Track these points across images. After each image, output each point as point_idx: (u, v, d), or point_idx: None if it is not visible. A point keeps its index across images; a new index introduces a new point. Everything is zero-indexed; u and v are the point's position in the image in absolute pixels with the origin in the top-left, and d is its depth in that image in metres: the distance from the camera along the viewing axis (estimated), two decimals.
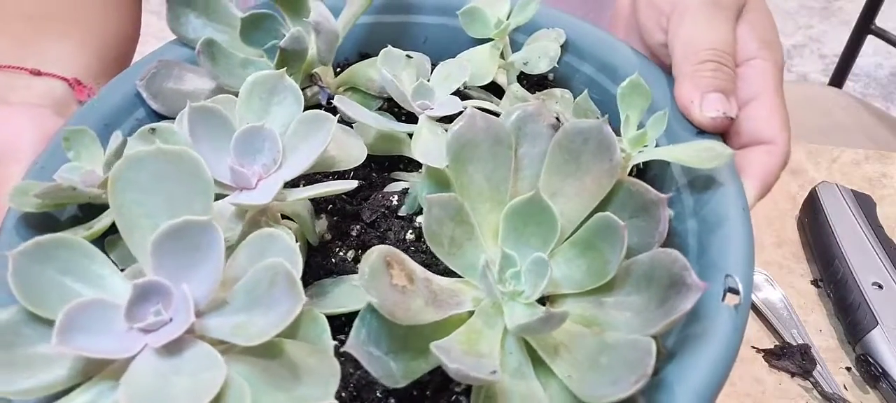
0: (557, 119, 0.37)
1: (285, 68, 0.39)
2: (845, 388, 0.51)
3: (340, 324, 0.35)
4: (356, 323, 0.30)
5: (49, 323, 0.29)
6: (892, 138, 0.94)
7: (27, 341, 0.28)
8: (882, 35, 1.16)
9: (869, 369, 0.50)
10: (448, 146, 0.35)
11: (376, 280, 0.30)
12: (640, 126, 0.40)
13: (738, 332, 0.33)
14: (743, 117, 0.42)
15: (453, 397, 0.34)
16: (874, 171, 0.67)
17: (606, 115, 0.43)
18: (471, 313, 0.33)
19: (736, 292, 0.34)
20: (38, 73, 0.48)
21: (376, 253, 0.30)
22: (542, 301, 0.34)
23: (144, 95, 0.45)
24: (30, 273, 0.28)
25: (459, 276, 0.35)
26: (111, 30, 0.57)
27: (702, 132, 0.41)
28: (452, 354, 0.29)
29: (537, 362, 0.33)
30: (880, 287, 0.53)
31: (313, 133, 0.36)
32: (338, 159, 0.38)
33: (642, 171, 0.44)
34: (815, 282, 0.58)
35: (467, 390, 0.34)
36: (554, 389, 0.32)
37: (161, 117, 0.45)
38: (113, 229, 0.38)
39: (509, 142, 0.36)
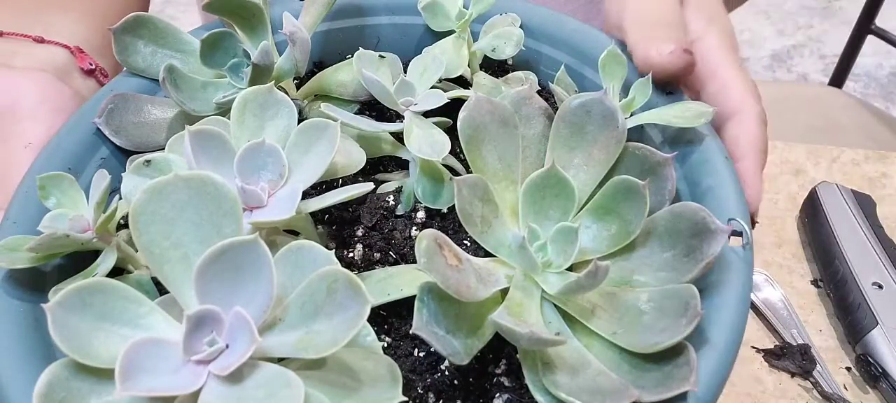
0: (547, 99, 0.39)
1: (268, 83, 0.38)
2: (845, 388, 0.51)
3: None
4: (417, 305, 0.30)
5: (97, 371, 0.27)
6: (892, 138, 0.94)
7: (79, 394, 0.27)
8: (882, 35, 1.14)
9: (869, 369, 0.50)
10: (461, 131, 0.35)
11: (433, 261, 0.30)
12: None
13: (750, 268, 0.36)
14: (704, 97, 0.42)
15: (494, 379, 0.35)
16: (874, 171, 0.66)
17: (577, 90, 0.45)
18: (505, 289, 0.34)
19: (739, 234, 0.37)
20: (41, 41, 0.49)
21: (427, 236, 0.30)
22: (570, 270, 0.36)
23: (106, 132, 0.43)
24: (69, 323, 0.27)
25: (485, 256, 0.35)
26: (115, 9, 0.55)
27: (671, 94, 0.43)
28: (518, 324, 0.29)
29: (575, 326, 0.34)
30: (880, 287, 0.53)
31: (315, 142, 0.36)
32: (341, 166, 0.37)
33: None
34: (815, 282, 0.57)
35: (508, 371, 0.35)
36: (597, 348, 0.33)
37: (127, 153, 0.43)
38: (112, 273, 0.36)
39: (515, 123, 0.36)
